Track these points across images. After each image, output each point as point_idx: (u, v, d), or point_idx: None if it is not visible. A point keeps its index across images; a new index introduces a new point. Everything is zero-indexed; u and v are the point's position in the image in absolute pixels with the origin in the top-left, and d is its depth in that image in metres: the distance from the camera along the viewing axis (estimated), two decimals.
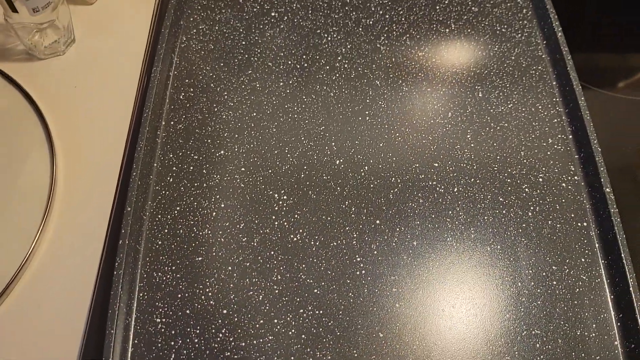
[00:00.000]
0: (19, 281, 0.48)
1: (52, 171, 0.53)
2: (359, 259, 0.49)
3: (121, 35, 0.64)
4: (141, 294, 0.47)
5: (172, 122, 0.56)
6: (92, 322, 0.46)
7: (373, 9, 0.65)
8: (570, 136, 0.56)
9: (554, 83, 0.59)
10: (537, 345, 0.45)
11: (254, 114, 0.57)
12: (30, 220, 0.50)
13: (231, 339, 0.45)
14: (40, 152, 0.54)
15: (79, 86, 0.59)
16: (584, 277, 0.49)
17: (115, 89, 0.59)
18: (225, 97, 0.58)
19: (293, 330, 0.46)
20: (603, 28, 0.72)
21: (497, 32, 0.63)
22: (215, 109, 0.57)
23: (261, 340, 0.45)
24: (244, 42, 0.62)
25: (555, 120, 0.57)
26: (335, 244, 0.50)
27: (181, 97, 0.58)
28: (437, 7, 0.65)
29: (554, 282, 0.48)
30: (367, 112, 0.57)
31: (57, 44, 0.60)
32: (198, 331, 0.45)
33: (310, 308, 0.47)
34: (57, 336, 0.46)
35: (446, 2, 0.66)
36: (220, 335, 0.45)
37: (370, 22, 0.64)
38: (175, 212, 0.51)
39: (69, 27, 0.60)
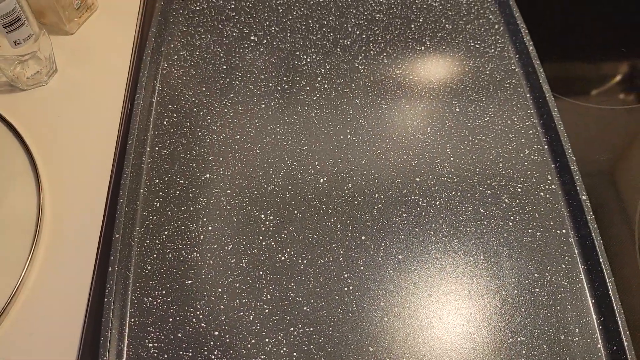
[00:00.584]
0: (9, 312, 0.48)
1: (39, 201, 0.53)
2: (346, 275, 0.50)
3: (103, 64, 0.64)
4: (132, 320, 0.47)
5: (156, 148, 0.57)
6: (84, 350, 0.47)
7: (350, 29, 0.67)
8: (546, 146, 0.58)
9: (528, 95, 0.61)
10: (523, 352, 0.47)
11: (238, 137, 0.58)
12: (18, 250, 0.51)
13: None
14: (26, 182, 0.55)
15: (62, 115, 0.60)
16: (565, 283, 0.50)
17: (99, 117, 0.60)
18: (209, 121, 0.59)
19: (285, 349, 0.46)
20: (573, 38, 0.74)
21: (471, 47, 0.65)
22: (199, 133, 0.58)
23: None
24: (224, 67, 0.63)
25: (531, 131, 0.59)
26: (322, 261, 0.51)
27: (165, 122, 0.59)
28: (412, 26, 0.67)
29: (537, 289, 0.50)
30: (348, 131, 0.59)
31: (39, 75, 0.61)
32: (190, 354, 0.46)
33: (300, 326, 0.47)
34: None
35: (420, 20, 0.68)
36: (213, 357, 0.46)
37: (348, 43, 0.65)
38: (164, 236, 0.51)
39: (50, 58, 0.61)
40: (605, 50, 0.73)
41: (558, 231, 0.53)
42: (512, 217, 0.53)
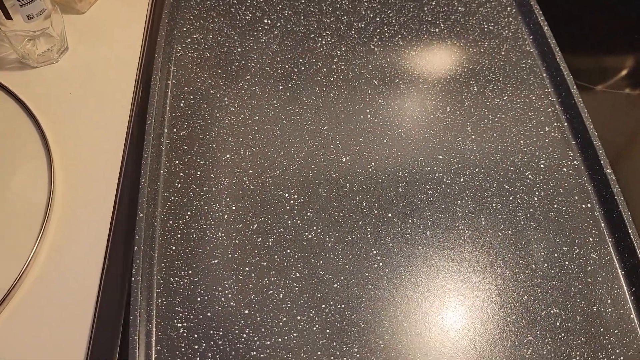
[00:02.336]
0: (17, 292, 0.47)
1: (50, 178, 0.52)
2: (375, 252, 0.49)
3: (114, 43, 0.64)
4: (159, 300, 0.46)
5: (174, 130, 0.56)
6: (97, 333, 0.45)
7: (363, 12, 0.66)
8: (566, 124, 0.58)
9: (544, 75, 0.62)
10: (557, 324, 0.46)
11: (257, 118, 0.57)
12: (29, 228, 0.49)
13: (255, 339, 0.45)
14: (38, 158, 0.54)
15: (74, 93, 0.59)
16: (594, 256, 0.50)
17: (110, 96, 0.59)
18: (226, 102, 0.58)
19: (317, 326, 0.45)
20: (586, 25, 0.75)
21: (485, 29, 0.65)
22: (217, 115, 0.57)
23: (286, 337, 0.45)
24: (239, 49, 0.62)
25: (550, 109, 0.59)
26: (350, 238, 0.50)
27: (181, 104, 0.57)
28: (425, 9, 0.67)
29: (566, 262, 0.49)
30: (368, 111, 0.58)
31: (50, 52, 0.60)
32: (221, 333, 0.45)
33: (332, 303, 0.47)
34: (59, 346, 0.45)
35: (433, 3, 0.68)
36: (244, 335, 0.45)
37: (362, 25, 0.65)
38: (187, 217, 0.50)
39: (62, 35, 0.60)
40: (618, 37, 0.73)
41: (583, 205, 0.53)
42: (536, 193, 0.53)
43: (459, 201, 0.52)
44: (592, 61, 0.72)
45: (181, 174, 0.53)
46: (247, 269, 0.48)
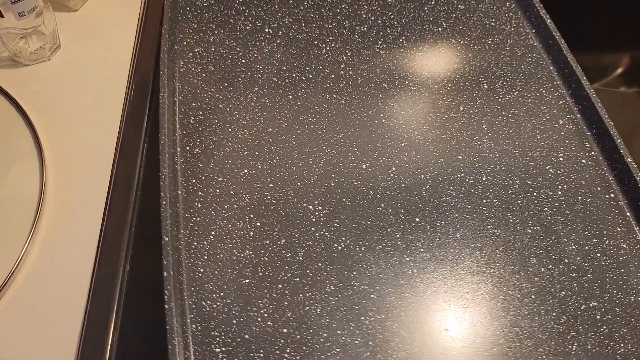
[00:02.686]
0: (8, 289, 0.47)
1: (42, 175, 0.52)
2: (407, 259, 0.48)
3: (107, 41, 0.63)
4: (194, 326, 0.44)
5: (187, 147, 0.54)
6: (88, 331, 0.45)
7: (364, 15, 0.66)
8: (579, 115, 0.58)
9: (551, 67, 0.62)
10: (598, 317, 0.46)
11: (270, 130, 0.56)
12: (20, 225, 0.49)
13: (298, 358, 0.43)
14: (29, 156, 0.53)
15: (66, 91, 0.59)
16: (624, 245, 0.50)
17: (103, 94, 0.59)
18: (237, 116, 0.56)
19: (359, 339, 0.44)
20: (578, 26, 0.75)
21: (487, 26, 0.65)
22: (230, 129, 0.56)
23: (329, 353, 0.44)
24: (243, 60, 0.61)
25: (561, 102, 0.59)
26: (380, 246, 0.49)
27: (191, 121, 0.56)
28: (425, 8, 0.67)
29: (598, 254, 0.49)
30: (381, 115, 0.57)
31: (42, 50, 0.59)
32: (262, 355, 0.43)
33: (370, 314, 0.46)
34: (50, 343, 0.45)
35: (432, 2, 0.67)
36: (286, 355, 0.43)
37: (365, 29, 0.64)
38: (211, 237, 0.49)
39: (54, 33, 0.59)
40: (614, 35, 0.74)
41: (606, 195, 0.53)
42: (559, 186, 0.53)
43: (485, 200, 0.52)
44: (587, 59, 0.73)
45: (200, 192, 0.51)
46: (279, 286, 0.47)
